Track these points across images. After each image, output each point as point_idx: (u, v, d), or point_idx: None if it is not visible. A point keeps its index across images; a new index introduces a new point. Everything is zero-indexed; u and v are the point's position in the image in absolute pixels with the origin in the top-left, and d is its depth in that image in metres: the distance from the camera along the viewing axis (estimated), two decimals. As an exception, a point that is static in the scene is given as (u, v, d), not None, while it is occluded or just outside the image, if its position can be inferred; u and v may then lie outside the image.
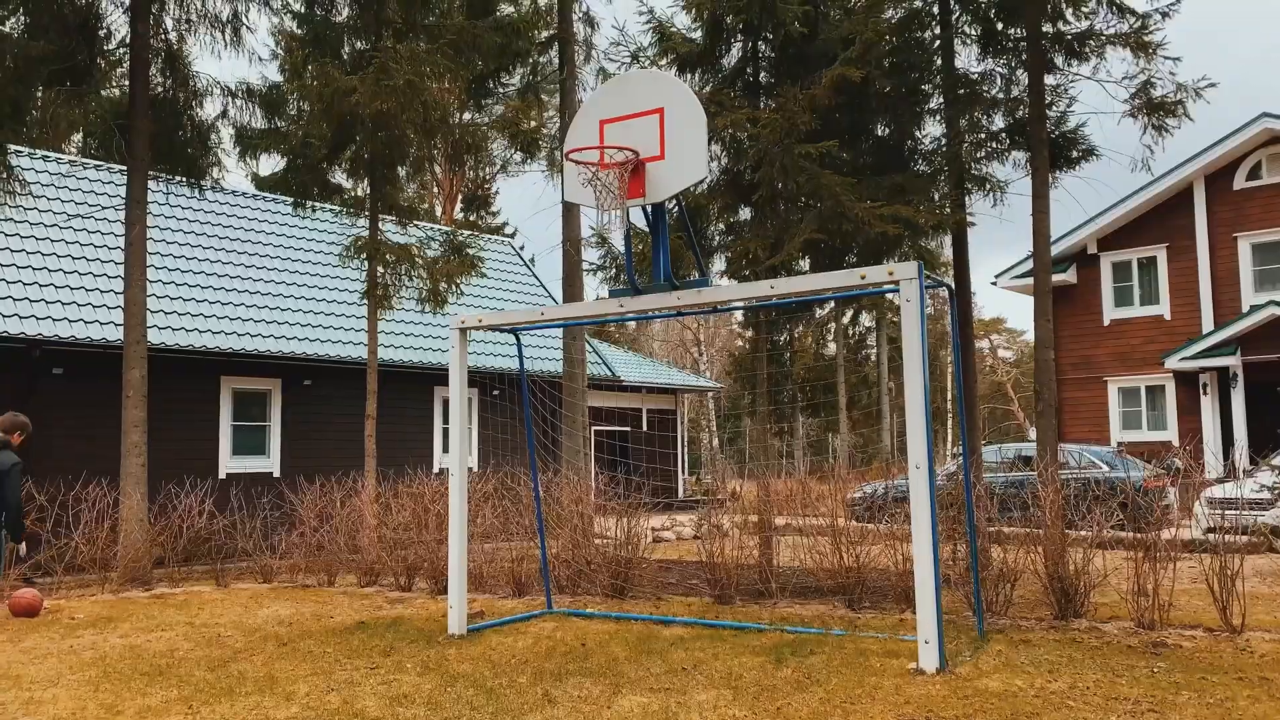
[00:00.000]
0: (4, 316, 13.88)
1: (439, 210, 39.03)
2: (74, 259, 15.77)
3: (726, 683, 6.22)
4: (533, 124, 16.04)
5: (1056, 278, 22.27)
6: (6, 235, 15.27)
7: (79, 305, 14.94)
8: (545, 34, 15.70)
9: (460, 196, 40.99)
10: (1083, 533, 8.44)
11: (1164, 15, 10.50)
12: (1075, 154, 11.48)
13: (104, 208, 17.00)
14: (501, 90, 15.88)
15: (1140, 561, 8.00)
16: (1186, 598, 9.02)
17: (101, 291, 15.40)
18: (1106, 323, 23.18)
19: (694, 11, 11.12)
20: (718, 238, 12.17)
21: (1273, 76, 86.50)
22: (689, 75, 11.61)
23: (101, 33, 12.98)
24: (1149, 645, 7.17)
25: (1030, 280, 19.83)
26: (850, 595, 9.18)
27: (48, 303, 14.63)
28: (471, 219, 41.38)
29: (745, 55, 11.54)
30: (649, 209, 7.53)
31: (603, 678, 6.43)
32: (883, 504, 9.83)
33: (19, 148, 14.22)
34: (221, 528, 12.38)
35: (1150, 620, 7.81)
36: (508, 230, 43.21)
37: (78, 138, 23.60)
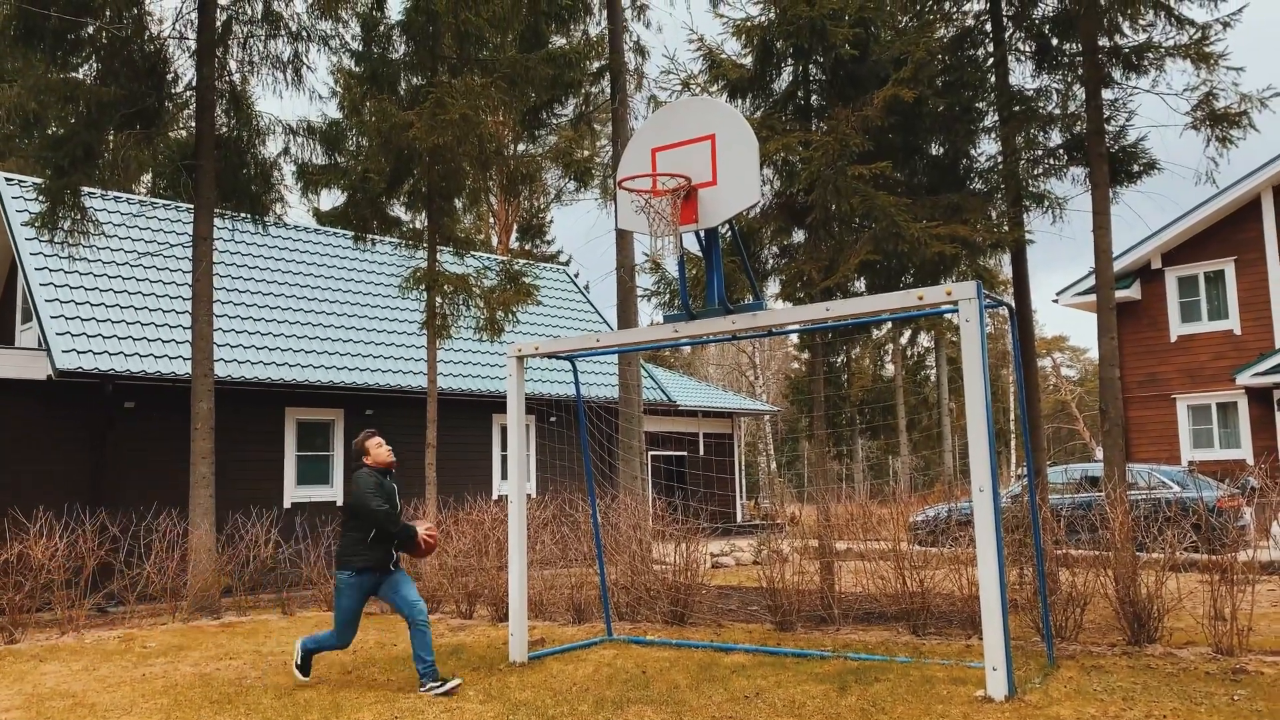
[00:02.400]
0: (79, 353, 14.34)
1: (495, 240, 39.54)
2: (144, 295, 16.26)
3: (790, 711, 6.15)
4: (585, 153, 16.22)
5: (1120, 294, 21.80)
6: (81, 274, 15.81)
7: (149, 340, 15.38)
8: (597, 64, 15.90)
9: (515, 226, 41.48)
10: (1155, 555, 8.21)
11: (1225, 25, 10.28)
12: (1136, 168, 11.25)
13: (172, 245, 17.51)
14: (555, 121, 16.11)
15: (1217, 584, 7.77)
16: (1266, 622, 8.72)
17: (171, 326, 15.84)
18: (1173, 339, 22.60)
19: (744, 37, 11.17)
20: (771, 261, 12.14)
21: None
22: (739, 100, 11.65)
23: (169, 76, 13.44)
24: (1228, 672, 6.94)
25: (1092, 297, 19.44)
26: (914, 621, 9.03)
27: (120, 338, 15.09)
28: (526, 248, 41.82)
29: (796, 79, 11.54)
30: (702, 234, 7.55)
31: (664, 706, 6.40)
32: (946, 527, 9.67)
33: (92, 189, 14.73)
34: (287, 557, 12.60)
35: (1229, 646, 7.56)
36: (562, 258, 43.62)
37: (147, 178, 24.43)
